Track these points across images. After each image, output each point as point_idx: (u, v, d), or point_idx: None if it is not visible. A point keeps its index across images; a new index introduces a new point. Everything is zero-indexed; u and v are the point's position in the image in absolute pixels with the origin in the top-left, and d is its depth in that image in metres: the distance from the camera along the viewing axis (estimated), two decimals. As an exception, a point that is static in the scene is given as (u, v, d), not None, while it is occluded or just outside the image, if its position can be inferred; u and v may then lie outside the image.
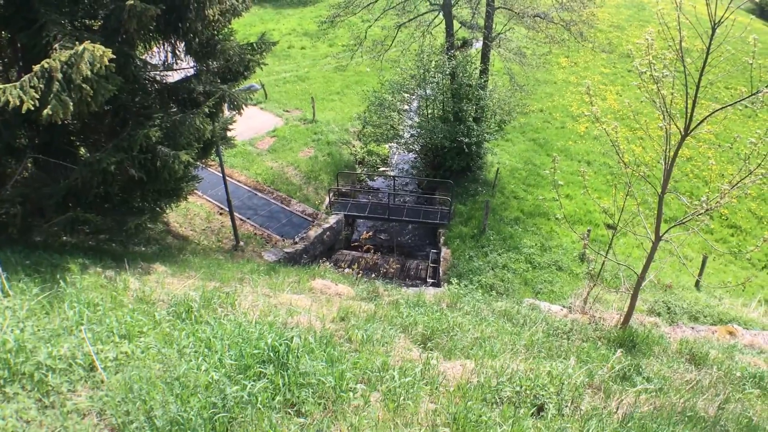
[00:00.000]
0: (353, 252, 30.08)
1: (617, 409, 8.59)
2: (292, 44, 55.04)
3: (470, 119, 32.60)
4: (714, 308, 22.86)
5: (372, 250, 28.35)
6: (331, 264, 26.06)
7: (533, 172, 35.98)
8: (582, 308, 19.13)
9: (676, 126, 12.53)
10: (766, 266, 32.34)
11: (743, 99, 11.74)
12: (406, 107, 38.89)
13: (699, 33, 11.45)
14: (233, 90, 19.97)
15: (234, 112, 20.71)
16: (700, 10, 11.20)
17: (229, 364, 7.42)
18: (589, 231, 28.29)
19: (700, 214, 13.32)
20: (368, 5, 36.48)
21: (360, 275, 20.12)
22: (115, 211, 17.25)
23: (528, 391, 8.14)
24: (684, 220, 13.92)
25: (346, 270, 22.43)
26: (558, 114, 44.64)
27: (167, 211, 21.31)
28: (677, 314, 21.96)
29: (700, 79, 11.82)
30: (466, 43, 51.38)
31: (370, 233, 31.91)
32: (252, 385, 6.94)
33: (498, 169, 34.55)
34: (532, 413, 7.71)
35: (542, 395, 8.12)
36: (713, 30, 11.22)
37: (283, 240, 28.49)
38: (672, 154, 12.93)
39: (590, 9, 37.91)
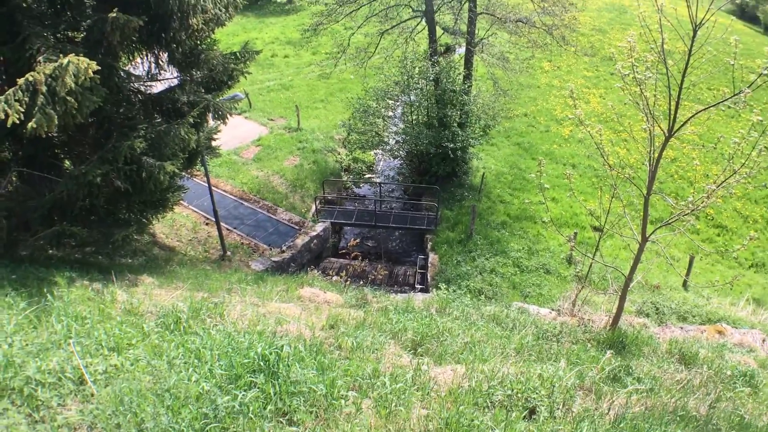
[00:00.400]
0: (341, 259, 30.05)
1: (609, 410, 8.61)
2: (275, 53, 55.02)
3: (455, 124, 32.71)
4: (702, 308, 22.97)
5: (359, 257, 28.36)
6: (319, 272, 26.05)
7: (519, 176, 36.09)
8: (571, 311, 19.20)
9: (660, 128, 12.60)
10: (753, 265, 32.55)
11: (726, 100, 11.82)
12: (390, 114, 38.99)
13: (681, 35, 11.52)
14: (217, 99, 19.96)
15: (218, 122, 20.68)
16: (682, 12, 11.27)
17: (220, 374, 7.39)
18: (575, 233, 28.39)
19: (686, 215, 13.40)
20: (351, 13, 36.52)
21: (348, 282, 20.05)
22: (101, 223, 17.19)
23: (519, 395, 8.14)
24: (670, 221, 13.99)
25: (335, 278, 22.39)
26: (542, 118, 44.82)
27: (153, 222, 21.26)
28: (666, 314, 22.06)
29: (682, 81, 11.89)
30: (449, 49, 51.54)
31: (357, 240, 31.88)
32: (243, 394, 6.92)
33: (484, 173, 34.65)
34: (524, 416, 7.72)
35: (534, 398, 8.13)
36: (695, 32, 11.30)
37: (270, 249, 28.45)
38: (656, 155, 13.00)
39: (572, 13, 38.09)
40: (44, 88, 11.89)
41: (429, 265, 28.06)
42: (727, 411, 9.91)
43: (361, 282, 24.34)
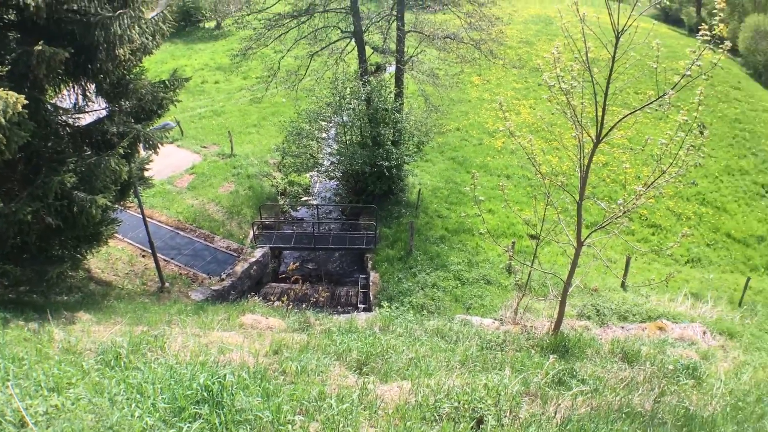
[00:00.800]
0: (282, 284, 29.88)
1: (555, 413, 8.72)
2: (205, 79, 54.69)
3: (388, 143, 32.92)
4: (642, 306, 23.54)
5: (300, 281, 28.25)
6: (260, 298, 25.82)
7: (455, 190, 36.43)
8: (513, 319, 19.43)
9: (588, 135, 12.86)
10: (689, 261, 33.51)
11: (650, 103, 12.12)
12: (324, 135, 39.06)
13: (603, 43, 11.79)
14: (148, 129, 19.78)
15: (150, 152, 20.51)
16: (605, 20, 11.54)
17: (163, 408, 7.29)
18: (513, 243, 28.71)
19: (618, 217, 13.68)
20: (279, 36, 36.47)
21: (290, 307, 19.98)
22: (34, 260, 16.88)
23: (466, 405, 8.20)
24: (603, 224, 14.26)
25: (276, 303, 22.19)
26: (474, 131, 45.36)
27: (88, 257, 20.94)
28: (606, 315, 22.51)
29: (607, 87, 12.17)
30: (379, 68, 51.83)
31: (297, 264, 31.80)
32: (188, 427, 6.83)
33: (420, 189, 34.91)
34: (472, 427, 7.77)
35: (480, 408, 8.19)
36: (617, 39, 11.59)
37: (210, 278, 28.15)
38: (586, 161, 13.25)
39: (498, 27, 38.72)
40: (-31, 126, 11.67)
41: (370, 283, 28.09)
42: (672, 404, 10.11)
43: (304, 305, 24.26)
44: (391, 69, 43.99)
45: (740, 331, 21.77)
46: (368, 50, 39.19)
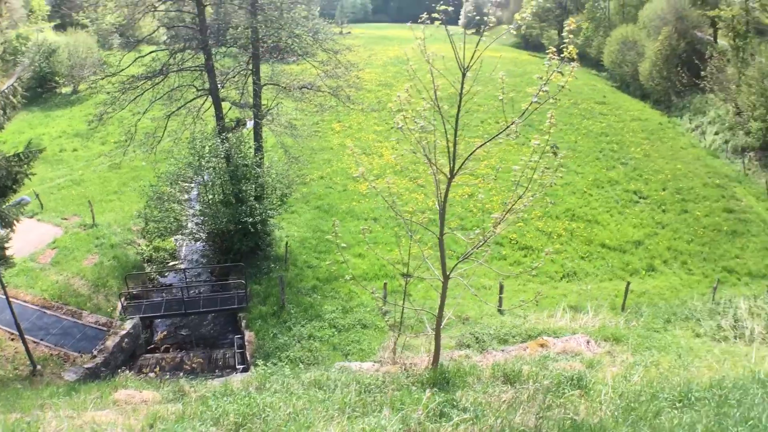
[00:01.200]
0: (156, 354, 29.28)
1: (436, 446, 9.01)
2: (63, 147, 53.34)
3: (251, 198, 32.94)
4: (521, 327, 24.26)
5: (170, 349, 27.82)
6: (135, 371, 25.31)
7: (322, 238, 36.89)
8: (392, 359, 19.70)
9: (442, 172, 13.43)
10: (564, 276, 34.85)
11: (498, 135, 12.84)
12: (186, 197, 38.74)
13: (451, 82, 12.38)
14: (3, 206, 19.32)
15: (7, 230, 20.00)
16: (453, 56, 12.13)
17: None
18: (385, 284, 29.18)
19: (480, 246, 14.25)
20: (135, 99, 36.11)
21: (165, 377, 19.72)
22: None
23: (345, 453, 8.43)
24: (466, 255, 14.79)
25: (151, 374, 21.84)
26: (338, 178, 46.03)
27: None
28: (486, 341, 23.09)
29: (456, 123, 12.73)
30: (239, 123, 51.88)
31: (164, 332, 31.29)
32: None
33: (287, 242, 35.16)
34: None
35: (359, 452, 8.45)
36: (463, 75, 12.19)
37: (81, 356, 27.28)
38: (443, 197, 13.81)
39: (355, 73, 39.68)
40: None
41: (246, 343, 27.96)
42: (558, 417, 10.51)
43: (180, 373, 23.94)
44: (251, 123, 44.18)
45: (626, 334, 22.57)
46: (226, 106, 39.37)
